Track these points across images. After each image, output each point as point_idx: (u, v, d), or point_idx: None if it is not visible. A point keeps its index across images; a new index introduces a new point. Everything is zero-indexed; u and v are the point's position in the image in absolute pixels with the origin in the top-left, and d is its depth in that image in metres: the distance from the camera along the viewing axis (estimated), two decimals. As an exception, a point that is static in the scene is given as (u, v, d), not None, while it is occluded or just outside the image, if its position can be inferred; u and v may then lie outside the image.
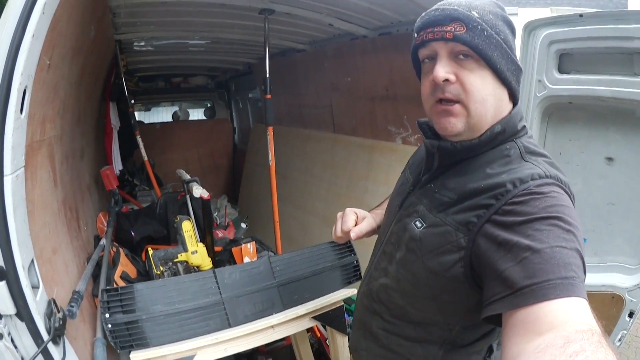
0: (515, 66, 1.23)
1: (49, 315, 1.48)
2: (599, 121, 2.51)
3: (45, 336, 1.42)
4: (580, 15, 2.38)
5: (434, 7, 1.21)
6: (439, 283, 1.22)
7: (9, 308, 1.33)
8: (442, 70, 1.17)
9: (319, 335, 3.11)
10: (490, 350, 1.39)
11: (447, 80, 1.17)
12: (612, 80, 2.33)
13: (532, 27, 2.62)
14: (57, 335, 1.48)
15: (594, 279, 2.55)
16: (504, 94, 1.23)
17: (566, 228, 1.00)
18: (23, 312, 1.35)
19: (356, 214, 1.72)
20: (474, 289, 1.15)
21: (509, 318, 0.94)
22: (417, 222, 1.29)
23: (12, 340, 1.37)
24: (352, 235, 1.64)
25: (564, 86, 2.55)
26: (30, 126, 1.51)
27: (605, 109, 2.45)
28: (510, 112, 1.25)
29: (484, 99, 1.18)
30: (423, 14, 1.24)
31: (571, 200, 1.12)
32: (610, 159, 2.50)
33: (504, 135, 1.23)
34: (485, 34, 1.15)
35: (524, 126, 1.29)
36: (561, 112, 2.67)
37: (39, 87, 1.55)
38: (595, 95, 2.41)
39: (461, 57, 1.17)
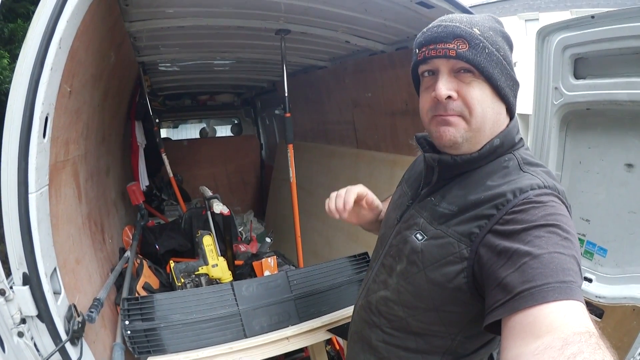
0: (513, 82, 1.26)
1: (68, 318, 1.58)
2: (617, 126, 2.44)
3: (63, 336, 1.52)
4: (592, 17, 2.33)
5: (435, 24, 1.24)
6: (442, 294, 1.23)
7: (31, 310, 1.44)
8: (444, 88, 1.20)
9: (338, 347, 3.15)
10: (491, 359, 1.41)
11: (449, 97, 1.20)
12: (628, 82, 2.27)
13: (545, 33, 2.59)
14: (75, 337, 1.57)
15: (615, 291, 2.46)
16: (502, 108, 1.26)
17: (564, 236, 1.02)
18: (44, 314, 1.46)
19: (360, 194, 1.67)
20: (476, 298, 1.16)
21: (508, 321, 0.96)
22: (418, 235, 1.31)
23: (33, 339, 1.48)
24: (344, 216, 1.63)
25: (581, 92, 2.50)
26: (54, 148, 1.63)
27: (622, 113, 2.38)
28: (507, 126, 1.29)
29: (485, 113, 1.21)
30: (424, 30, 1.27)
31: (568, 210, 1.14)
32: (630, 165, 2.40)
33: (502, 148, 1.26)
34: (487, 51, 1.18)
35: (521, 138, 1.32)
36: (579, 119, 2.62)
37: (61, 113, 1.67)
38: (612, 100, 2.35)
39: (462, 72, 1.20)
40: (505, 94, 1.23)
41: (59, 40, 1.48)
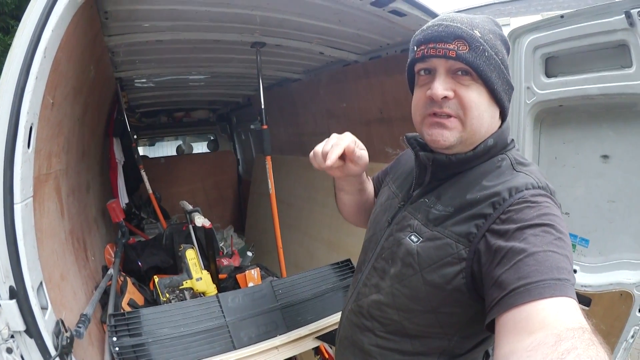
0: (508, 86, 1.27)
1: (57, 333, 1.55)
2: (590, 120, 2.51)
3: (52, 352, 1.49)
4: (562, 17, 2.40)
5: (435, 22, 1.23)
6: (440, 296, 1.22)
7: (19, 324, 1.41)
8: (441, 87, 1.19)
9: (327, 355, 3.14)
10: (486, 356, 1.40)
11: (445, 97, 1.20)
12: (600, 76, 2.34)
13: (516, 35, 2.64)
14: (64, 352, 1.54)
15: (601, 278, 2.52)
16: (496, 111, 1.28)
17: (558, 235, 1.03)
18: (32, 329, 1.43)
19: (349, 147, 1.41)
20: (474, 299, 1.16)
21: (501, 318, 0.96)
22: (413, 237, 1.30)
23: (22, 356, 1.45)
24: (327, 164, 1.36)
25: (553, 90, 2.56)
26: (37, 160, 1.61)
27: (595, 107, 2.45)
28: (500, 127, 1.30)
29: (481, 116, 1.22)
30: (424, 27, 1.26)
31: (559, 210, 1.15)
32: (605, 157, 2.48)
33: (495, 148, 1.28)
34: (486, 54, 1.18)
35: (512, 139, 1.34)
36: (552, 116, 2.69)
37: (44, 125, 1.65)
38: (585, 95, 2.41)
39: (459, 73, 1.20)
40: (500, 97, 1.24)
41: (44, 49, 1.47)
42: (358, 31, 3.22)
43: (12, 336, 1.45)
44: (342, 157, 1.44)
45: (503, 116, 1.31)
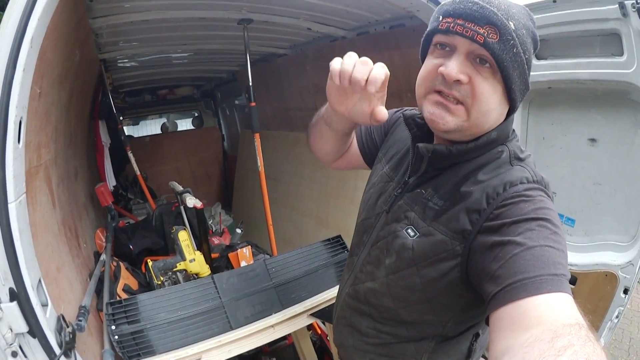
0: (525, 86, 1.20)
1: (59, 330, 1.54)
2: (579, 103, 2.52)
3: (57, 350, 1.47)
4: (554, 1, 2.36)
5: None
6: (434, 288, 1.22)
7: (22, 326, 1.38)
8: (457, 69, 1.11)
9: (319, 332, 3.17)
10: (476, 336, 1.40)
11: (458, 80, 1.12)
12: (590, 62, 2.33)
13: None
14: (68, 349, 1.53)
15: (586, 258, 2.56)
16: (506, 108, 1.21)
17: (553, 230, 1.02)
18: (35, 329, 1.41)
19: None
20: (469, 289, 1.16)
21: (496, 313, 0.95)
22: (409, 230, 1.28)
23: (26, 357, 1.42)
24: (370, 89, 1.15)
25: (543, 72, 2.54)
26: (28, 154, 1.57)
27: (585, 91, 2.45)
28: (505, 120, 1.25)
29: (489, 111, 1.16)
30: (457, 0, 1.14)
31: (553, 203, 1.14)
32: (593, 140, 2.50)
33: (497, 141, 1.23)
34: (515, 50, 1.10)
35: (513, 130, 1.30)
36: (541, 97, 2.68)
37: (32, 116, 1.60)
38: (574, 79, 2.42)
39: (479, 61, 1.12)
40: (514, 97, 1.18)
41: (30, 39, 1.41)
42: (346, 7, 3.18)
43: (16, 339, 1.43)
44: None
45: (511, 112, 1.25)
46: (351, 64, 1.15)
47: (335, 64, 1.18)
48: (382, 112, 1.23)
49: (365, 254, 1.48)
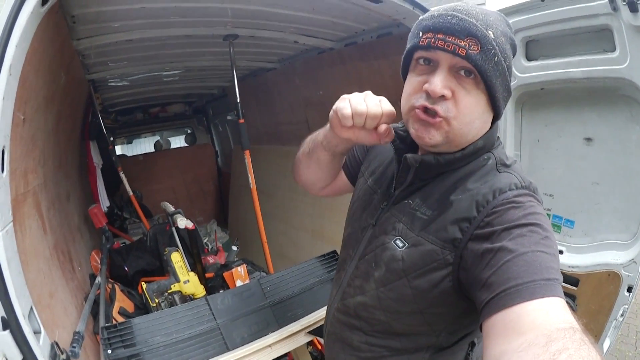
0: (508, 93, 1.21)
1: (53, 357, 1.52)
2: (573, 103, 2.51)
3: (51, 378, 1.45)
4: (543, 0, 2.36)
5: (448, 11, 1.13)
6: (426, 298, 1.22)
7: (15, 355, 1.36)
8: (441, 85, 1.12)
9: (320, 347, 3.15)
10: (472, 345, 1.40)
11: (442, 96, 1.12)
12: (582, 60, 2.32)
13: None
14: (61, 376, 1.51)
15: (588, 259, 2.56)
16: (490, 116, 1.22)
17: (544, 235, 1.03)
18: (28, 357, 1.38)
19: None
20: (462, 298, 1.16)
21: (489, 319, 0.95)
22: (398, 241, 1.27)
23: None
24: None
25: (534, 73, 2.54)
26: (13, 181, 1.54)
27: (578, 90, 2.44)
28: (491, 128, 1.26)
29: (472, 122, 1.17)
30: (435, 14, 1.15)
31: (542, 208, 1.15)
32: (589, 139, 2.49)
33: (484, 149, 1.24)
34: (496, 59, 1.11)
35: (498, 137, 1.31)
36: (534, 99, 2.68)
37: (17, 143, 1.58)
38: (567, 78, 2.40)
39: (462, 73, 1.13)
40: (498, 105, 1.19)
41: (9, 67, 1.38)
42: (333, 18, 3.17)
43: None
44: None
45: (495, 119, 1.26)
46: (363, 104, 1.23)
47: (346, 109, 1.24)
48: (391, 130, 1.28)
49: (352, 268, 1.47)
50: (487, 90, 1.15)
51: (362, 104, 1.23)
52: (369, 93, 1.27)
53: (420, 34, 1.15)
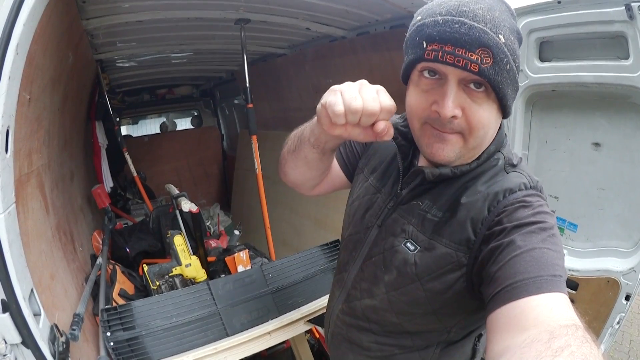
0: (516, 92, 1.12)
1: (52, 340, 1.52)
2: (583, 107, 2.47)
3: None
4: (559, 2, 2.29)
5: (454, 17, 1.00)
6: (440, 299, 1.21)
7: (15, 337, 1.36)
8: (452, 105, 1.04)
9: (318, 335, 3.15)
10: (479, 336, 1.41)
11: (453, 116, 1.05)
12: (595, 65, 2.27)
13: None
14: (61, 358, 1.52)
15: (588, 264, 2.54)
16: (500, 120, 1.17)
17: (551, 233, 1.03)
18: (28, 340, 1.38)
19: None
20: (474, 296, 1.15)
21: (493, 314, 0.95)
22: (409, 244, 1.24)
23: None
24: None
25: (546, 74, 2.50)
26: (17, 161, 1.53)
27: (589, 95, 2.40)
28: (498, 130, 1.21)
29: (486, 133, 1.13)
30: (438, 19, 1.02)
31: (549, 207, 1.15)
32: (597, 144, 2.46)
33: (495, 152, 1.22)
34: (508, 67, 1.02)
35: (505, 134, 1.28)
36: (545, 100, 2.65)
37: (21, 123, 1.57)
38: (579, 82, 2.36)
39: (472, 86, 1.04)
40: (508, 110, 1.12)
41: (15, 46, 1.35)
42: (346, 7, 3.15)
43: (10, 349, 1.41)
44: None
45: (503, 118, 1.19)
46: (358, 98, 1.04)
47: (337, 105, 1.06)
48: (390, 127, 1.10)
49: (356, 270, 1.44)
50: (500, 100, 1.07)
51: (356, 98, 1.04)
52: (364, 83, 1.09)
53: (424, 45, 1.04)
